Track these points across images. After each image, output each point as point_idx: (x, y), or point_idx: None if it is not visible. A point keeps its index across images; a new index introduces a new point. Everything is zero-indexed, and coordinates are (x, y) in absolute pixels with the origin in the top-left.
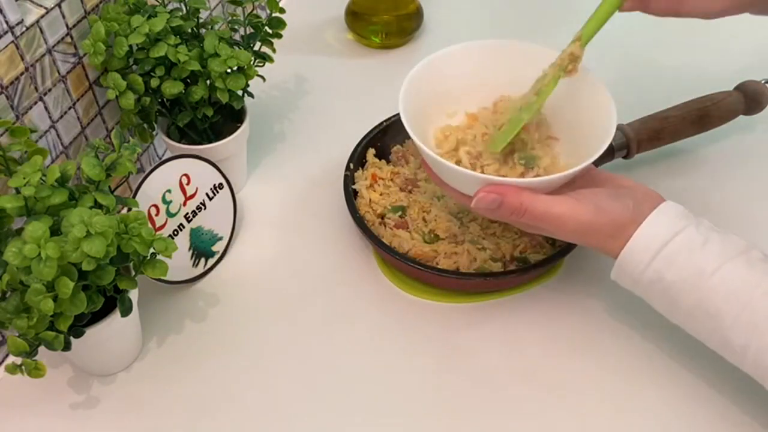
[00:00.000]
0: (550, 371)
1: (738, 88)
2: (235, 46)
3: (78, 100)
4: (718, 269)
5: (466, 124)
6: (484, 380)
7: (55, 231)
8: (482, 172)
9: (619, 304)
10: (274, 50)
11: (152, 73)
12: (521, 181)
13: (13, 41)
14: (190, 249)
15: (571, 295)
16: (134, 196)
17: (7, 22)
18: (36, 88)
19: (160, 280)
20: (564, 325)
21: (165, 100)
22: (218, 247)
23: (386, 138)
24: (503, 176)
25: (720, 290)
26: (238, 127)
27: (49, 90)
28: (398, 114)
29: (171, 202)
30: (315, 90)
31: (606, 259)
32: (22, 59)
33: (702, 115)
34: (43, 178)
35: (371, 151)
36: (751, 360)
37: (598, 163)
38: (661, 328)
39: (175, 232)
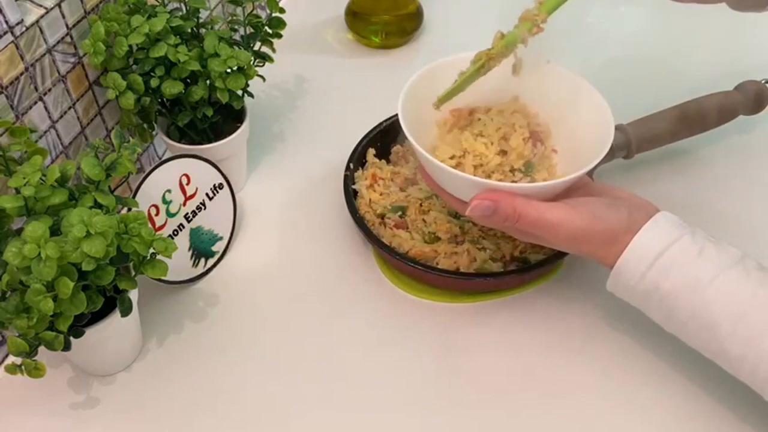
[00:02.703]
0: (549, 371)
1: (738, 88)
2: (235, 46)
3: (78, 100)
4: (714, 279)
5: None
6: (484, 380)
7: (54, 231)
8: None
9: (619, 306)
10: (274, 50)
11: (152, 73)
12: (517, 186)
13: (13, 41)
14: (189, 249)
15: (571, 295)
16: (134, 196)
17: (7, 22)
18: (36, 88)
19: (160, 280)
20: (563, 325)
21: (165, 100)
22: (218, 247)
23: (386, 138)
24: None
25: (716, 301)
26: (238, 127)
27: (49, 90)
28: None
29: (171, 202)
30: (315, 90)
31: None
32: (22, 59)
33: (702, 115)
34: (43, 178)
35: (371, 151)
36: (748, 371)
37: (598, 163)
38: (659, 331)
39: (175, 232)
